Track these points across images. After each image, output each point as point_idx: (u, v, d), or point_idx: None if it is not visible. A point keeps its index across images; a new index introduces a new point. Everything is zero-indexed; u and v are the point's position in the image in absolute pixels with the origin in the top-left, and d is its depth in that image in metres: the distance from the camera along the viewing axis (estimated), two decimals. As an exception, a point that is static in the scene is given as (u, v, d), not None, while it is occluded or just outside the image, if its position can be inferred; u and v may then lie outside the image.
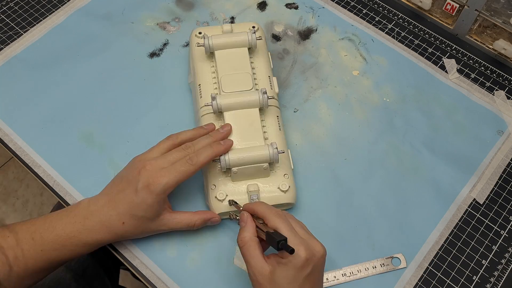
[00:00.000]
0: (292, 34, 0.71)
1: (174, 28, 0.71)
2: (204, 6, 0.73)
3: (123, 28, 0.70)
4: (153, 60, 0.68)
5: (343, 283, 0.53)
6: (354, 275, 0.53)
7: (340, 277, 0.53)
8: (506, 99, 0.65)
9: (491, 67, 0.68)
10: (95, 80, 0.66)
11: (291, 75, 0.67)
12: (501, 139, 0.62)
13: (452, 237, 0.56)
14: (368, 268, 0.54)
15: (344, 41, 0.70)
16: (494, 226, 0.57)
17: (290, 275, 0.43)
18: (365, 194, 0.58)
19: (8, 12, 0.72)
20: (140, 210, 0.49)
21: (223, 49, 0.59)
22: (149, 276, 0.53)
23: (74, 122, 0.63)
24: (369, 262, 0.54)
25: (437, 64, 0.68)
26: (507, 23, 0.63)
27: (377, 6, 0.73)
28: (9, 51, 0.68)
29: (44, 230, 0.49)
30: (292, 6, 0.73)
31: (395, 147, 0.61)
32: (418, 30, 0.71)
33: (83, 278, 0.67)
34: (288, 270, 0.43)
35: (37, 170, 0.59)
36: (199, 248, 0.55)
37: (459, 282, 0.53)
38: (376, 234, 0.56)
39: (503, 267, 0.54)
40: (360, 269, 0.54)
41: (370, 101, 0.65)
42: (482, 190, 0.59)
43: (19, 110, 0.63)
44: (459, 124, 0.63)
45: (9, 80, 0.66)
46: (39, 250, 0.49)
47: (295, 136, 0.62)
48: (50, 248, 0.49)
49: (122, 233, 0.50)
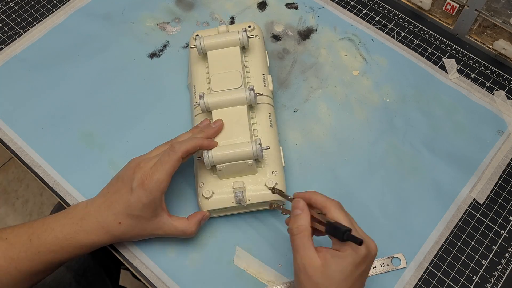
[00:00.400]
0: (292, 34, 0.71)
1: (174, 29, 0.71)
2: (204, 6, 0.73)
3: (123, 28, 0.70)
4: (153, 60, 0.68)
5: (343, 283, 0.53)
6: (354, 275, 0.53)
7: (340, 277, 0.53)
8: (506, 99, 0.65)
9: (491, 67, 0.68)
10: (95, 80, 0.66)
11: (291, 75, 0.67)
12: (501, 139, 0.62)
13: (452, 237, 0.56)
14: (368, 268, 0.54)
15: (344, 41, 0.70)
16: (494, 226, 0.57)
17: (347, 270, 0.42)
18: (365, 194, 0.58)
19: (8, 12, 0.72)
20: (136, 210, 0.49)
21: (215, 49, 0.60)
22: (149, 276, 0.53)
23: (74, 122, 0.63)
24: (369, 262, 0.54)
25: (437, 64, 0.68)
26: (507, 23, 0.63)
27: (377, 6, 0.73)
28: (9, 51, 0.68)
29: (42, 232, 0.49)
30: (292, 6, 0.73)
31: (395, 147, 0.61)
32: (418, 30, 0.71)
33: (83, 278, 0.67)
34: (345, 264, 0.42)
35: (37, 170, 0.59)
36: (199, 248, 0.55)
37: (459, 282, 0.53)
38: (376, 234, 0.55)
39: (503, 267, 0.54)
40: (360, 269, 0.54)
41: (370, 101, 0.65)
42: (482, 190, 0.59)
43: (19, 110, 0.63)
44: (459, 124, 0.63)
45: (9, 80, 0.66)
46: (36, 252, 0.49)
47: (295, 136, 0.62)
48: (47, 250, 0.49)
49: (118, 234, 0.50)
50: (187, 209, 0.57)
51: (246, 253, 0.54)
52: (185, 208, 0.57)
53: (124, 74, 0.66)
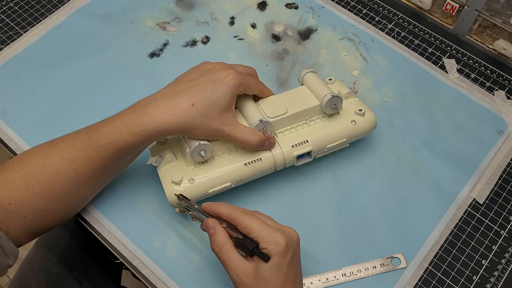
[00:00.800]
0: (292, 34, 0.71)
1: (174, 28, 0.71)
2: (204, 6, 0.73)
3: (123, 28, 0.70)
4: (153, 60, 0.68)
5: (343, 283, 0.53)
6: (354, 275, 0.53)
7: (340, 277, 0.53)
8: (506, 99, 0.65)
9: (491, 67, 0.68)
10: (95, 80, 0.66)
11: (291, 75, 0.67)
12: (501, 139, 0.62)
13: (452, 237, 0.56)
14: (368, 268, 0.54)
15: (344, 41, 0.70)
16: (494, 226, 0.57)
17: (276, 264, 0.43)
18: (365, 194, 0.58)
19: (8, 12, 0.72)
20: (214, 95, 0.48)
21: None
22: (149, 276, 0.53)
23: (74, 122, 0.62)
24: (369, 262, 0.54)
25: (437, 64, 0.68)
26: (507, 23, 0.63)
27: (377, 6, 0.73)
28: (9, 51, 0.68)
29: (102, 126, 0.48)
30: (292, 6, 0.73)
31: (395, 147, 0.61)
32: (418, 30, 0.71)
33: (85, 278, 0.67)
34: (272, 260, 0.43)
35: (37, 170, 0.59)
36: (199, 248, 0.55)
37: (459, 282, 0.53)
38: (376, 234, 0.56)
39: (503, 267, 0.54)
40: (360, 269, 0.54)
41: (370, 101, 0.65)
42: (482, 190, 0.59)
43: (19, 110, 0.63)
44: (459, 124, 0.63)
45: (8, 80, 0.66)
46: (94, 148, 0.47)
47: (295, 136, 0.62)
48: (105, 142, 0.47)
49: (187, 119, 0.47)
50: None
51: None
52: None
53: (124, 74, 0.66)
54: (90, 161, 0.48)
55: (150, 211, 0.57)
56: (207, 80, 0.49)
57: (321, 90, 0.55)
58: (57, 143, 0.49)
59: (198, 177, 0.52)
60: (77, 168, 0.48)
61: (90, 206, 0.56)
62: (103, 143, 0.47)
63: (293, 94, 0.57)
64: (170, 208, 0.56)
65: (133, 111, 0.48)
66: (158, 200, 0.57)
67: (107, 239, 0.55)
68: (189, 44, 0.69)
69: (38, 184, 0.47)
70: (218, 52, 0.69)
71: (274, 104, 0.55)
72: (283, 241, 0.44)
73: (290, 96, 0.56)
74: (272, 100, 0.56)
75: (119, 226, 0.55)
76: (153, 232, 0.55)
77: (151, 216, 0.56)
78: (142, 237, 0.55)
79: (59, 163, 0.48)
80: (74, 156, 0.48)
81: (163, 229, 0.55)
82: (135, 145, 0.48)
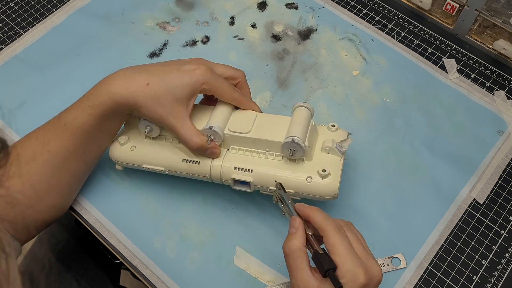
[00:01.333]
0: (292, 34, 0.71)
1: (174, 28, 0.71)
2: (204, 6, 0.73)
3: (123, 28, 0.70)
4: (153, 60, 0.68)
5: (343, 283, 0.53)
6: (354, 275, 0.53)
7: (340, 277, 0.53)
8: (506, 99, 0.65)
9: (491, 67, 0.68)
10: (95, 80, 0.65)
11: (291, 75, 0.67)
12: (501, 139, 0.62)
13: (452, 237, 0.56)
14: (368, 268, 0.54)
15: (344, 41, 0.70)
16: (494, 226, 0.57)
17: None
18: (365, 194, 0.58)
19: (8, 12, 0.72)
20: (172, 82, 0.48)
21: None
22: (149, 276, 0.53)
23: (74, 122, 0.63)
24: (369, 262, 0.54)
25: (437, 64, 0.68)
26: (507, 23, 0.63)
27: (377, 6, 0.73)
28: (9, 51, 0.68)
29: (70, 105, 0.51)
30: (292, 6, 0.73)
31: (395, 147, 0.61)
32: (418, 30, 0.71)
33: (84, 277, 0.67)
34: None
35: (37, 170, 0.59)
36: (199, 248, 0.55)
37: (459, 282, 0.53)
38: (376, 234, 0.56)
39: (503, 267, 0.54)
40: (360, 269, 0.53)
41: (370, 101, 0.65)
42: (482, 190, 0.59)
43: (19, 110, 0.63)
44: (459, 124, 0.63)
45: (9, 80, 0.66)
46: (62, 125, 0.49)
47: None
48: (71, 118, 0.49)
49: (139, 97, 0.48)
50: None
51: (246, 253, 0.54)
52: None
53: (124, 74, 0.66)
54: (60, 140, 0.49)
55: (150, 211, 0.57)
56: (174, 68, 0.50)
57: (293, 129, 0.49)
58: (34, 130, 0.51)
59: (140, 148, 0.53)
60: (50, 149, 0.49)
61: (90, 206, 0.56)
62: (69, 120, 0.49)
63: (273, 120, 0.52)
64: (170, 208, 0.57)
65: (95, 85, 0.50)
66: (158, 200, 0.57)
67: (107, 239, 0.55)
68: (189, 44, 0.69)
69: (16, 170, 0.47)
70: (218, 52, 0.69)
71: (245, 119, 0.52)
72: (362, 280, 0.40)
73: (268, 120, 0.52)
74: (246, 115, 0.53)
75: (119, 226, 0.55)
76: (153, 232, 0.55)
77: (151, 216, 0.56)
78: (142, 237, 0.55)
79: (34, 146, 0.49)
80: (46, 138, 0.49)
81: (163, 229, 0.55)
82: (98, 118, 0.49)
